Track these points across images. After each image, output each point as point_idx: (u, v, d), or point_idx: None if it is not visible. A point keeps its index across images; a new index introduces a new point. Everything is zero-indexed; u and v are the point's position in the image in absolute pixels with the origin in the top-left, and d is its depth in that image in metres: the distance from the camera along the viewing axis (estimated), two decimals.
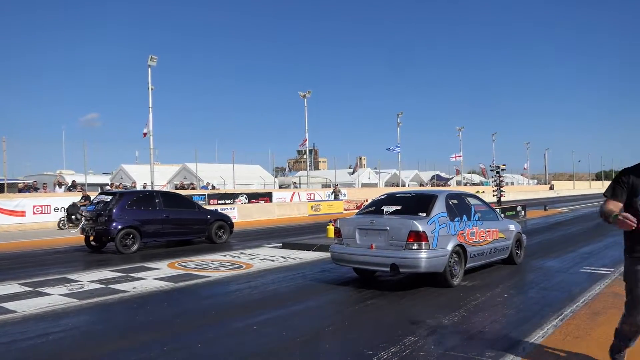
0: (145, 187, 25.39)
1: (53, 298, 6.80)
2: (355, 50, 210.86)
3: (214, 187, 30.98)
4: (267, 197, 29.02)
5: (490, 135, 57.50)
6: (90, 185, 26.12)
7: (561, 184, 73.95)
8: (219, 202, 24.96)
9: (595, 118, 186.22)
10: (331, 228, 12.33)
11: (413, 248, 6.75)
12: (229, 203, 25.43)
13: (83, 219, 17.71)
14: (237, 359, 4.32)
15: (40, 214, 19.09)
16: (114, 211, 11.99)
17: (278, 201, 29.04)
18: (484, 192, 38.42)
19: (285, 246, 12.50)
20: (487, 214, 8.50)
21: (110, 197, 12.59)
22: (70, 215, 18.21)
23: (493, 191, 22.76)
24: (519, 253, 9.30)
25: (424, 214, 7.10)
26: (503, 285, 7.40)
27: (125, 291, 7.23)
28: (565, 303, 6.13)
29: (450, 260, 7.05)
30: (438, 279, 7.15)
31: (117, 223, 11.91)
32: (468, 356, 4.25)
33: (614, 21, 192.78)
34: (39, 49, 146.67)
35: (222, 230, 14.18)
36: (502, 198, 22.66)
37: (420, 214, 7.11)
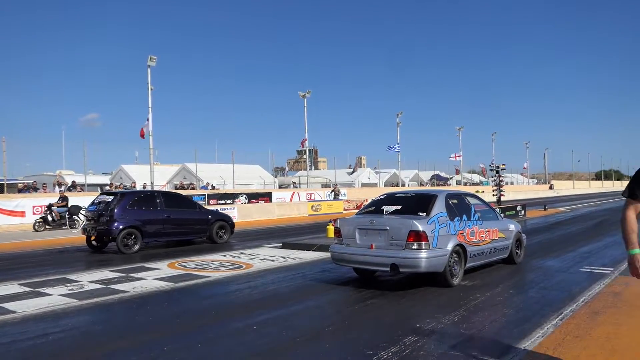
0: (145, 187, 25.39)
1: (53, 298, 6.80)
2: (355, 50, 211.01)
3: (214, 187, 30.99)
4: (267, 197, 29.03)
5: (489, 135, 57.69)
6: (90, 185, 26.15)
7: (561, 184, 73.96)
8: (219, 202, 24.98)
9: (595, 117, 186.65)
10: (331, 228, 12.33)
11: (413, 248, 6.75)
12: (229, 203, 25.43)
13: (63, 220, 17.77)
14: (237, 359, 4.32)
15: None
16: (116, 211, 12.00)
17: (278, 201, 29.05)
18: (484, 192, 38.45)
19: (285, 246, 12.51)
20: (487, 214, 8.50)
21: (111, 197, 12.61)
22: (72, 215, 18.24)
23: (493, 191, 22.78)
24: (519, 253, 9.31)
25: (424, 214, 7.10)
26: (503, 284, 7.40)
27: (125, 291, 7.23)
28: (565, 302, 6.13)
29: (450, 260, 7.05)
30: (438, 279, 7.15)
31: (119, 223, 11.92)
32: (468, 356, 4.26)
33: (614, 20, 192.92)
34: (39, 49, 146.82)
35: (223, 230, 14.19)
36: (502, 198, 22.69)
37: (420, 214, 7.11)
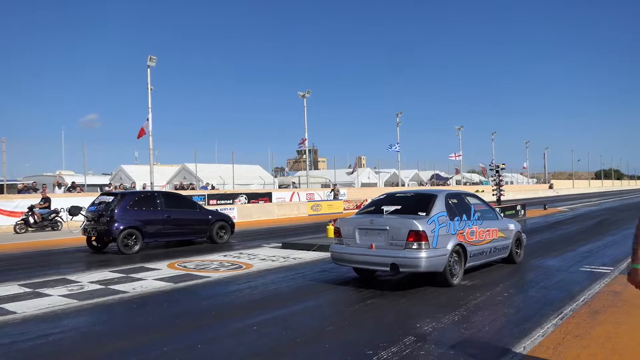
0: (144, 188, 25.39)
1: (53, 299, 6.80)
2: (354, 50, 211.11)
3: (214, 188, 30.97)
4: (267, 197, 29.02)
5: (489, 134, 57.62)
6: (89, 185, 26.14)
7: (560, 183, 73.96)
8: (219, 203, 24.97)
9: (594, 116, 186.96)
10: (331, 228, 12.33)
11: (413, 247, 6.75)
12: (229, 203, 25.43)
13: (45, 222, 17.70)
14: (238, 359, 4.32)
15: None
16: (116, 212, 12.00)
17: (278, 201, 29.04)
18: (483, 191, 38.49)
19: (285, 246, 12.50)
20: (487, 213, 8.50)
21: (112, 198, 12.60)
22: (72, 216, 18.22)
23: (492, 190, 22.79)
24: (519, 252, 9.31)
25: (424, 214, 7.10)
26: (503, 284, 7.40)
27: (125, 292, 7.23)
28: (565, 302, 6.14)
29: (450, 259, 7.05)
30: (438, 279, 7.15)
31: (119, 223, 11.92)
32: (468, 356, 4.26)
33: (614, 19, 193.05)
34: (39, 50, 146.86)
35: (224, 230, 14.19)
36: (502, 197, 22.70)
37: (420, 214, 7.11)
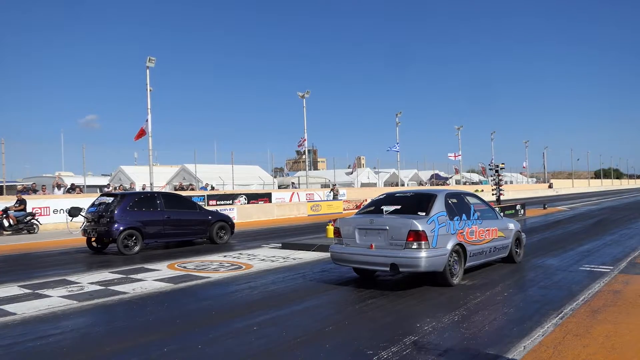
0: (144, 189, 25.39)
1: (53, 300, 6.80)
2: (354, 49, 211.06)
3: (213, 188, 30.96)
4: (267, 198, 29.03)
5: (489, 134, 57.66)
6: (89, 186, 26.13)
7: (560, 183, 73.98)
8: (219, 203, 24.98)
9: (594, 116, 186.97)
10: (331, 228, 12.33)
11: (413, 247, 6.75)
12: (229, 204, 25.43)
13: (21, 224, 17.61)
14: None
15: (39, 216, 19.08)
16: (116, 212, 12.00)
17: (277, 201, 29.05)
18: (483, 191, 38.55)
19: (284, 246, 12.50)
20: (487, 213, 8.50)
21: (111, 199, 12.61)
22: (72, 217, 18.18)
23: (492, 190, 22.81)
24: (519, 252, 9.31)
25: (424, 214, 7.10)
26: (503, 284, 7.40)
27: (125, 292, 7.23)
28: (565, 301, 6.14)
29: (450, 259, 7.05)
30: (438, 278, 7.15)
31: (119, 224, 11.92)
32: (469, 355, 4.26)
33: (614, 17, 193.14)
34: (39, 50, 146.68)
35: (224, 230, 14.19)
36: (502, 197, 22.71)
37: (419, 214, 7.11)
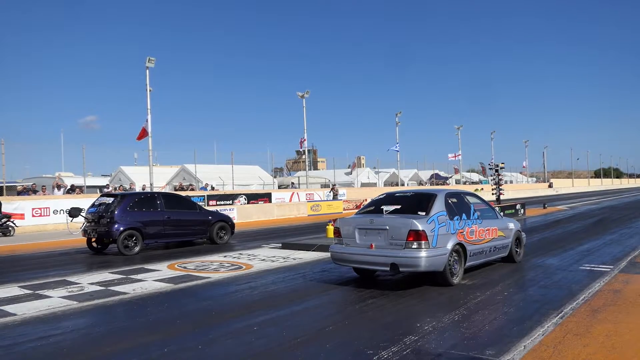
0: (144, 189, 25.38)
1: (53, 300, 6.80)
2: (354, 49, 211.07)
3: (213, 188, 30.95)
4: (267, 198, 29.02)
5: (489, 133, 57.64)
6: (89, 187, 26.14)
7: (560, 182, 74.00)
8: (219, 203, 24.97)
9: (594, 115, 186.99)
10: (331, 228, 12.34)
11: (413, 247, 6.75)
12: (229, 204, 25.42)
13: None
14: None
15: (39, 217, 19.10)
16: (116, 213, 12.00)
17: (277, 201, 29.04)
18: (482, 189, 38.57)
19: (284, 246, 12.50)
20: (487, 213, 8.50)
21: (112, 199, 12.61)
22: (72, 217, 18.20)
23: (492, 189, 22.82)
24: (519, 251, 9.31)
25: (424, 213, 7.10)
26: (503, 283, 7.40)
27: (125, 293, 7.23)
28: (565, 301, 6.14)
29: (450, 259, 7.05)
30: (438, 278, 7.15)
31: (119, 225, 11.92)
32: (469, 355, 4.26)
33: (614, 16, 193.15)
34: (38, 51, 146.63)
35: (224, 231, 14.20)
36: (501, 196, 22.73)
37: (419, 213, 7.11)
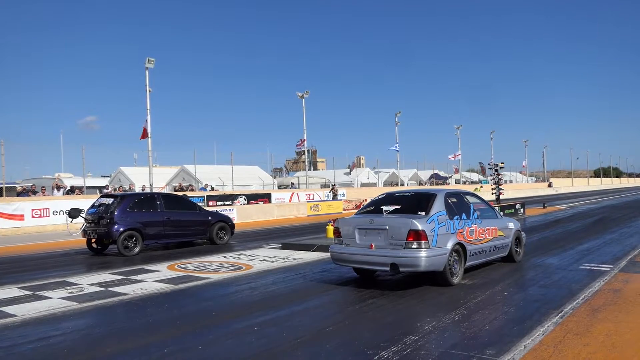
0: (144, 189, 25.38)
1: (53, 301, 6.79)
2: (353, 49, 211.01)
3: (213, 189, 30.96)
4: (266, 198, 29.01)
5: (488, 133, 57.69)
6: (89, 188, 26.14)
7: (560, 182, 74.03)
8: (218, 204, 24.96)
9: (593, 115, 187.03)
10: (330, 228, 12.33)
11: (413, 247, 6.75)
12: (228, 204, 25.42)
13: None
14: None
15: (39, 218, 19.09)
16: (116, 213, 12.00)
17: (277, 202, 29.04)
18: (482, 187, 38.58)
19: (284, 247, 12.50)
20: (486, 212, 8.51)
21: (111, 200, 12.61)
22: (72, 218, 18.19)
23: (492, 189, 22.82)
24: (519, 251, 9.31)
25: (423, 213, 7.10)
26: (503, 283, 7.41)
27: (125, 294, 7.23)
28: (565, 300, 6.14)
29: (450, 258, 7.05)
30: (438, 278, 7.15)
31: (119, 225, 11.92)
32: (469, 355, 4.26)
33: (614, 16, 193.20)
34: (38, 52, 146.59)
35: (224, 231, 14.20)
36: (501, 196, 22.73)
37: (419, 213, 7.11)
